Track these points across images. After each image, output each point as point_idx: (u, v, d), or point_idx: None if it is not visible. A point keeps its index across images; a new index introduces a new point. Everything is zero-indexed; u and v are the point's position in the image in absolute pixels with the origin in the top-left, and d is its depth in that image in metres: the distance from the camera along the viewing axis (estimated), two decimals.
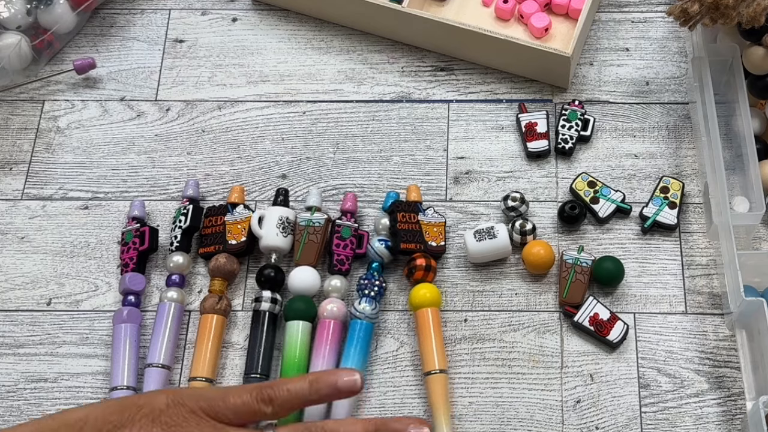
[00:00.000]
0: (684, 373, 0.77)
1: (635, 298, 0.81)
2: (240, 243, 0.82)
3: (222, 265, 0.81)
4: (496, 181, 0.87)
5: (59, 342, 0.81)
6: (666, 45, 0.93)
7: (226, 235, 0.83)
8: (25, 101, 0.93)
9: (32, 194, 0.88)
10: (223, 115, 0.91)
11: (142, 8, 0.98)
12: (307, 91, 0.92)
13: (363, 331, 0.78)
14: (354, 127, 0.90)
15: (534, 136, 0.87)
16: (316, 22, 0.96)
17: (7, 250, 0.86)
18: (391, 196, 0.84)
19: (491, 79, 0.92)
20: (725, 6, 0.76)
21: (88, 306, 0.83)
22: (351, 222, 0.83)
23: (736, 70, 0.84)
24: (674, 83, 0.91)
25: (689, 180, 0.85)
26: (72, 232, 0.86)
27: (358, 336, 0.78)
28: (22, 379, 0.80)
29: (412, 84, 0.92)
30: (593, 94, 0.90)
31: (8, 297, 0.83)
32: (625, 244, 0.83)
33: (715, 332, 0.79)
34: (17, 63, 0.91)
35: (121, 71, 0.94)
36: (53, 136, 0.91)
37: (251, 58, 0.94)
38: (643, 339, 0.79)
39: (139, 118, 0.92)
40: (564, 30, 0.92)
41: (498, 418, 0.76)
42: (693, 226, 0.84)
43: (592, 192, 0.84)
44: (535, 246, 0.81)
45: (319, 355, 0.77)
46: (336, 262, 0.81)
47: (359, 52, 0.94)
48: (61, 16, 0.93)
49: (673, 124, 0.88)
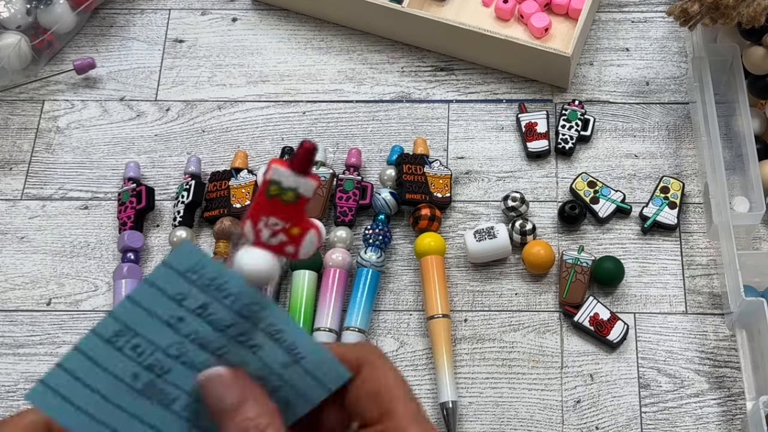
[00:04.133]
0: (684, 373, 0.77)
1: (635, 298, 0.81)
2: (244, 206, 0.84)
3: (227, 227, 0.83)
4: (496, 181, 0.87)
5: (59, 342, 0.81)
6: (666, 45, 0.93)
7: (230, 199, 0.84)
8: (24, 101, 0.93)
9: (32, 194, 0.88)
10: (222, 115, 0.91)
11: (141, 8, 0.98)
12: (307, 91, 0.92)
13: (370, 278, 0.80)
14: (354, 127, 0.90)
15: (534, 136, 0.87)
16: (316, 22, 0.96)
17: (6, 250, 0.86)
18: (396, 150, 0.86)
19: (491, 79, 0.92)
20: (725, 6, 0.76)
21: (87, 306, 0.83)
22: (354, 176, 0.85)
23: (736, 70, 0.83)
24: (674, 83, 0.91)
25: (689, 180, 0.85)
26: (72, 232, 0.86)
27: (364, 283, 0.80)
28: (22, 379, 0.80)
29: (412, 84, 0.92)
30: (593, 94, 0.90)
31: (8, 297, 0.83)
32: (625, 244, 0.83)
33: (716, 332, 0.79)
34: (17, 63, 0.91)
35: (120, 71, 0.94)
36: (53, 136, 0.91)
37: (251, 58, 0.94)
38: (643, 339, 0.79)
39: (138, 118, 0.92)
40: (564, 30, 0.92)
41: (498, 418, 0.76)
42: (693, 226, 0.84)
43: (592, 192, 0.84)
44: (535, 246, 0.81)
45: (325, 302, 0.79)
46: (339, 214, 0.83)
47: (359, 52, 0.94)
48: (61, 16, 0.93)
49: (674, 124, 0.88)
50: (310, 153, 0.36)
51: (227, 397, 0.38)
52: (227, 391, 0.38)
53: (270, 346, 0.39)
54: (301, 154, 0.36)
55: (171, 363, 0.38)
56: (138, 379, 0.38)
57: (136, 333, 0.38)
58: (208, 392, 0.39)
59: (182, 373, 0.38)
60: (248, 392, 0.39)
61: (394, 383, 0.40)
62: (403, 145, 0.88)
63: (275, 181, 0.36)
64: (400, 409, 0.39)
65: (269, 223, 0.37)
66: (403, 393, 0.40)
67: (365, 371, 0.41)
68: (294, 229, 0.37)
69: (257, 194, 0.37)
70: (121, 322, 0.38)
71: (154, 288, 0.37)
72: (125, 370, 0.38)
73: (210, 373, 0.39)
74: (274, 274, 0.37)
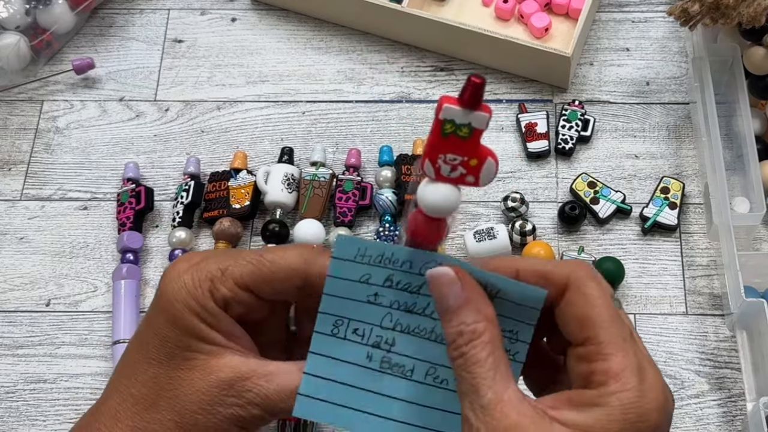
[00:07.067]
0: (684, 374, 0.77)
1: (635, 299, 0.80)
2: (243, 207, 0.84)
3: (226, 228, 0.83)
4: (496, 181, 0.86)
5: (58, 343, 0.81)
6: (666, 45, 0.93)
7: (230, 200, 0.84)
8: (23, 101, 0.93)
9: (31, 195, 0.88)
10: (222, 115, 0.91)
11: (141, 8, 0.98)
12: (306, 91, 0.92)
13: None
14: (353, 127, 0.90)
15: (534, 136, 0.87)
16: (316, 22, 0.96)
17: (5, 250, 0.85)
18: (385, 151, 0.86)
19: (491, 79, 0.91)
20: (726, 6, 0.76)
21: (87, 307, 0.82)
22: (354, 176, 0.84)
23: (737, 70, 0.83)
24: (675, 83, 0.90)
25: (690, 180, 0.85)
26: (71, 233, 0.86)
27: None
28: (21, 380, 0.80)
29: (411, 84, 0.92)
30: (593, 94, 0.90)
31: (7, 298, 0.83)
32: (626, 244, 0.83)
33: (716, 333, 0.79)
34: (16, 63, 0.91)
35: (120, 71, 0.94)
36: (52, 137, 0.91)
37: (250, 58, 0.94)
38: (643, 340, 0.78)
39: (138, 118, 0.92)
40: (564, 30, 0.92)
41: None
42: (693, 226, 0.83)
43: (592, 192, 0.84)
44: (535, 247, 0.81)
45: None
46: (339, 215, 0.83)
47: (359, 52, 0.94)
48: (60, 16, 0.92)
49: (674, 125, 0.88)
50: (479, 87, 0.37)
51: (449, 298, 0.39)
52: (449, 292, 0.40)
53: None
54: (470, 90, 0.37)
55: (391, 334, 0.41)
56: (372, 359, 0.41)
57: (350, 319, 0.41)
58: (433, 291, 0.40)
59: (406, 342, 0.41)
60: (469, 295, 0.40)
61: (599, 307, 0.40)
62: (403, 146, 0.88)
63: (449, 120, 0.37)
64: (603, 336, 0.40)
65: (447, 159, 0.38)
66: (608, 319, 0.40)
67: (571, 294, 0.41)
68: (472, 161, 0.38)
69: (431, 134, 0.38)
70: (331, 315, 0.41)
71: (339, 279, 0.41)
72: (358, 354, 0.41)
73: (435, 271, 0.40)
74: (457, 205, 0.39)
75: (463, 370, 0.39)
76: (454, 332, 0.39)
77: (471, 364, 0.38)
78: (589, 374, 0.40)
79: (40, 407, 0.78)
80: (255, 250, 0.44)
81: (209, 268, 0.42)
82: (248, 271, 0.42)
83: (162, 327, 0.42)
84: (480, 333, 0.39)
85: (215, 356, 0.42)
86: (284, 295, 0.44)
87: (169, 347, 0.42)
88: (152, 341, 0.43)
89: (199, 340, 0.42)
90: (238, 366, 0.42)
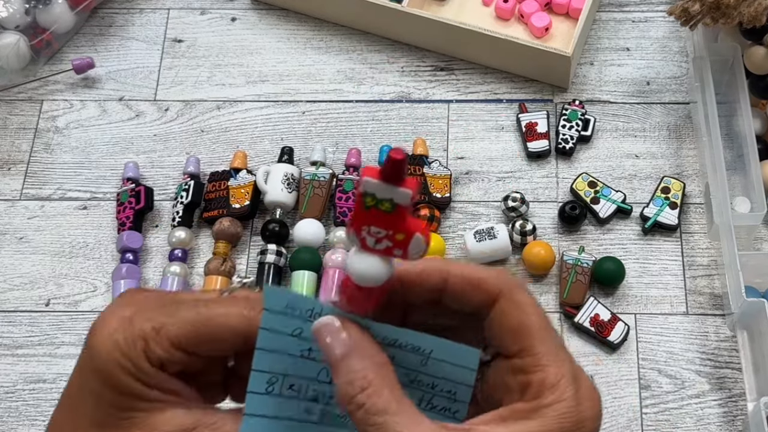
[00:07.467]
0: (685, 374, 0.77)
1: (636, 299, 0.80)
2: (243, 207, 0.84)
3: (226, 228, 0.83)
4: (496, 181, 0.86)
5: (58, 343, 0.81)
6: (667, 45, 0.92)
7: (229, 200, 0.84)
8: (23, 101, 0.93)
9: (31, 194, 0.88)
10: (222, 114, 0.91)
11: (140, 8, 0.98)
12: (306, 91, 0.92)
13: None
14: (354, 127, 0.90)
15: (534, 136, 0.87)
16: (316, 22, 0.96)
17: (5, 250, 0.85)
18: (385, 150, 0.86)
19: (491, 79, 0.91)
20: (726, 5, 0.76)
21: (86, 307, 0.82)
22: (354, 176, 0.85)
23: (737, 70, 0.83)
24: (675, 83, 0.90)
25: (690, 180, 0.85)
26: (70, 233, 0.86)
27: None
28: (21, 380, 0.80)
29: (412, 84, 0.92)
30: (594, 94, 0.90)
31: (6, 298, 0.83)
32: (626, 244, 0.83)
33: (716, 333, 0.79)
34: (16, 63, 0.91)
35: (119, 71, 0.94)
36: (52, 136, 0.91)
37: (250, 57, 0.94)
38: (643, 340, 0.79)
39: (137, 118, 0.91)
40: (564, 29, 0.92)
41: None
42: (694, 226, 0.83)
43: (592, 192, 0.84)
44: (535, 246, 0.81)
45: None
46: (339, 214, 0.83)
47: (359, 52, 0.94)
48: (60, 15, 0.92)
49: (674, 124, 0.88)
50: (399, 163, 0.35)
51: (335, 347, 0.38)
52: (334, 341, 0.38)
53: (398, 353, 0.39)
54: (389, 165, 0.35)
55: (329, 388, 0.39)
56: (312, 413, 0.39)
57: (284, 375, 0.39)
58: (320, 342, 0.38)
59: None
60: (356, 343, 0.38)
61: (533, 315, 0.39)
62: (403, 146, 0.88)
63: (369, 193, 0.36)
64: (539, 347, 0.38)
65: (372, 232, 0.37)
66: (542, 328, 0.39)
67: (503, 304, 0.39)
68: (398, 235, 0.37)
69: (355, 204, 0.37)
70: (265, 373, 0.39)
71: (271, 332, 0.39)
72: (298, 409, 0.39)
73: (319, 322, 0.38)
74: (387, 275, 0.38)
75: (366, 424, 0.36)
76: (344, 382, 0.37)
77: (372, 415, 0.36)
78: (525, 386, 0.38)
79: (39, 407, 0.78)
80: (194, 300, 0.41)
81: (143, 326, 0.39)
82: (185, 333, 0.40)
83: (96, 387, 0.40)
84: (370, 380, 0.37)
85: (156, 412, 0.40)
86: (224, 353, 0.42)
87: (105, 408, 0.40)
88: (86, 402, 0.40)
89: (137, 399, 0.40)
90: (181, 419, 0.40)
